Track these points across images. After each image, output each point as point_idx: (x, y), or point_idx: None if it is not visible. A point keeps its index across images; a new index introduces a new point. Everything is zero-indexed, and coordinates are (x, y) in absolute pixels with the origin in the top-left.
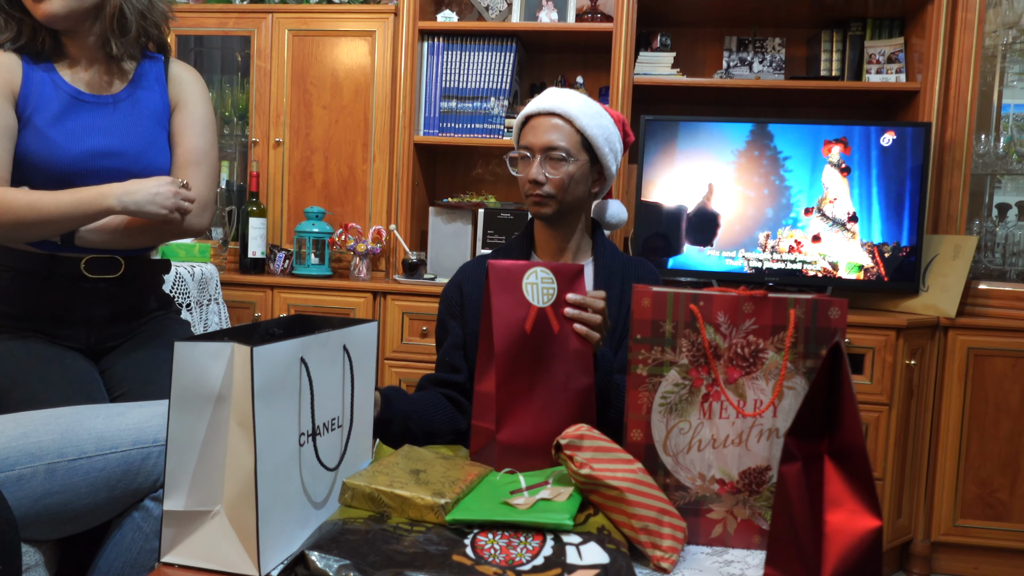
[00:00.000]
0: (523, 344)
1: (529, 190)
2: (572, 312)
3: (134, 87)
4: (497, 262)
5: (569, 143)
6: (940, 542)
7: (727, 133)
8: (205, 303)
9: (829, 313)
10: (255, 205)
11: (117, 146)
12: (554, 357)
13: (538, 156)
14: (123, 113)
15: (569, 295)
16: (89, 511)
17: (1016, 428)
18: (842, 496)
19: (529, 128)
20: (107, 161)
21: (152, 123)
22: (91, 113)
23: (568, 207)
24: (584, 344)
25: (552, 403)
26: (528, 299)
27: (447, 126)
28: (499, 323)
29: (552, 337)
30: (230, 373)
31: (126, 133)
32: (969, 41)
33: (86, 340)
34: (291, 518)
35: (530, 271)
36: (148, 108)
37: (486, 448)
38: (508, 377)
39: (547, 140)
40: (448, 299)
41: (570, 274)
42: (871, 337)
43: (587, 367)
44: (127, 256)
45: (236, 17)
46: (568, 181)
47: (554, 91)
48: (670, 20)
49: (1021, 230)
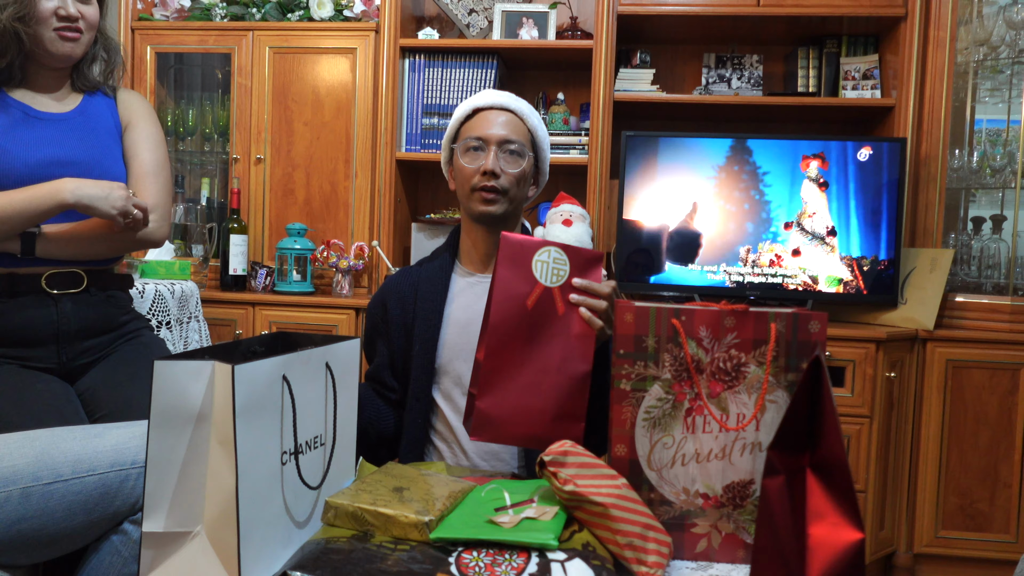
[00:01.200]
0: (521, 318)
1: (479, 182)
2: (577, 297)
3: (85, 107)
4: (511, 235)
5: (523, 138)
6: (922, 553)
7: (707, 149)
8: (185, 321)
9: (809, 327)
10: (236, 222)
11: (71, 155)
12: (553, 338)
13: (493, 148)
14: (75, 126)
15: (575, 279)
16: (66, 535)
17: (995, 439)
18: (824, 509)
19: (481, 120)
20: (62, 170)
21: (105, 135)
22: (44, 127)
23: (514, 207)
24: (587, 331)
25: (542, 382)
26: (536, 276)
27: (429, 142)
28: (499, 294)
29: (555, 318)
30: (211, 392)
31: (80, 144)
32: (941, 58)
33: (57, 359)
34: (273, 538)
35: (543, 249)
36: (100, 123)
37: (469, 415)
38: (499, 348)
39: (504, 133)
40: (373, 316)
41: (587, 259)
42: (851, 350)
43: (586, 355)
44: (89, 270)
45: (216, 34)
46: (522, 177)
47: (496, 91)
48: (649, 37)
49: (996, 243)
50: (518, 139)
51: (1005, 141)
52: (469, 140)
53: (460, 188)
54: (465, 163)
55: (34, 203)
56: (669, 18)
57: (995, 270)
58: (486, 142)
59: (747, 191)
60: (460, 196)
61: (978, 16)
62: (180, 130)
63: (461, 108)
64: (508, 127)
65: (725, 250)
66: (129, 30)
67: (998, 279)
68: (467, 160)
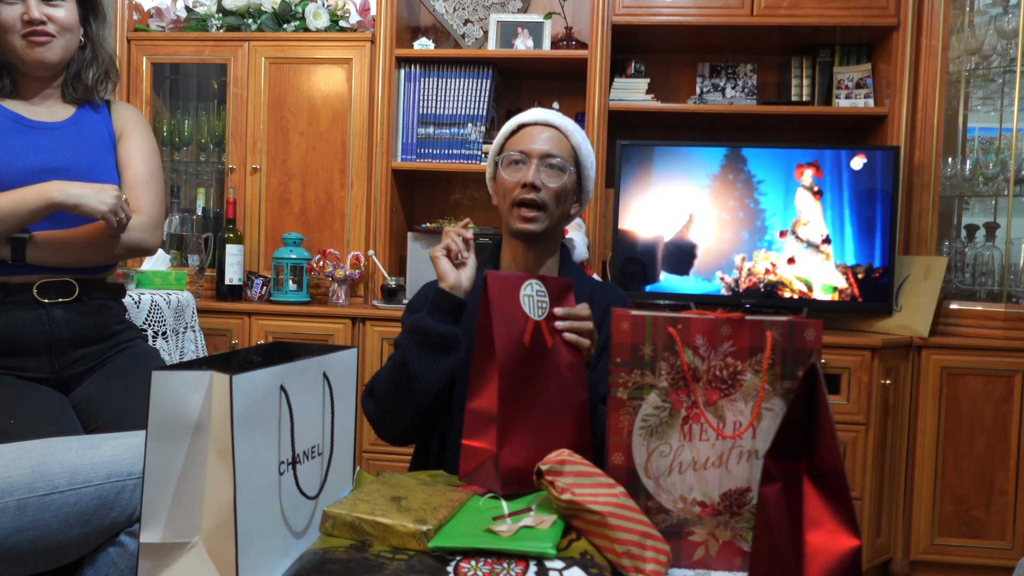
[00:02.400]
0: (521, 358)
1: (520, 195)
2: (563, 324)
3: (78, 118)
4: (495, 272)
5: (566, 154)
6: (919, 560)
7: (702, 157)
8: (181, 331)
9: (805, 334)
10: (232, 232)
11: (63, 163)
12: (550, 372)
13: (535, 162)
14: (68, 135)
15: (557, 309)
16: (62, 547)
17: (990, 446)
18: (821, 516)
19: (524, 135)
20: (53, 177)
21: (98, 144)
22: (35, 135)
23: (555, 223)
24: (577, 357)
25: (550, 419)
26: (525, 311)
27: (425, 152)
28: (500, 335)
29: (547, 351)
30: (208, 402)
31: (72, 152)
32: (934, 67)
33: (50, 369)
34: (271, 548)
35: (526, 283)
36: (93, 133)
37: (480, 469)
38: (508, 393)
39: (546, 148)
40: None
41: (560, 288)
42: (847, 357)
43: (581, 381)
44: (80, 279)
45: (212, 45)
46: (562, 192)
47: (542, 109)
48: (644, 47)
49: (989, 250)
50: (560, 154)
51: (997, 149)
52: (512, 153)
53: (501, 202)
54: (507, 176)
55: (22, 204)
56: (663, 28)
57: (989, 277)
58: (528, 155)
59: (742, 199)
60: (501, 211)
61: (969, 25)
62: (176, 140)
63: (507, 124)
64: (551, 142)
65: (720, 258)
66: (125, 41)
67: (992, 286)
68: (508, 173)
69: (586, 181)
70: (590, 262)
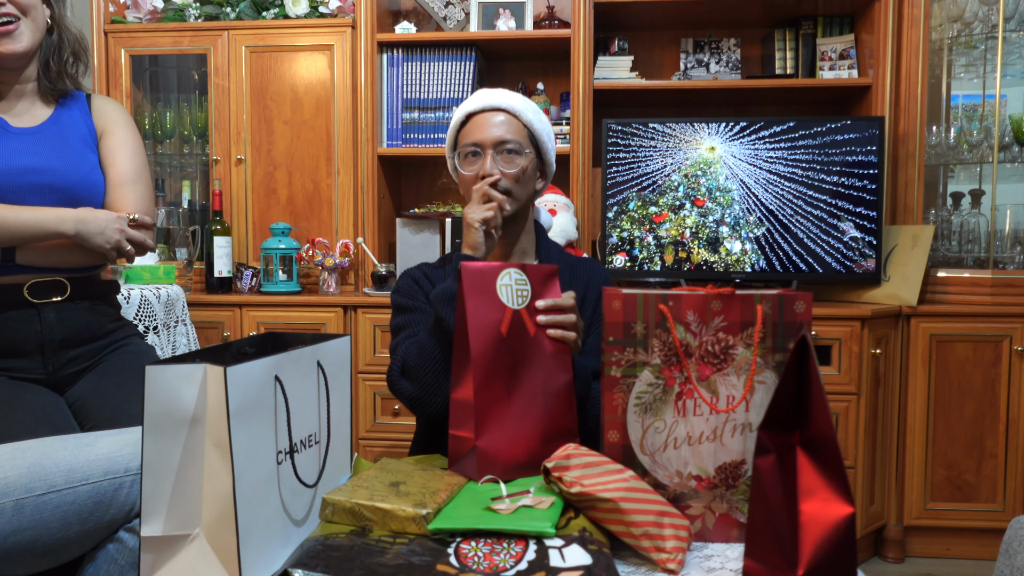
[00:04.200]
0: (499, 347)
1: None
2: (545, 319)
3: (58, 117)
4: (470, 264)
5: (519, 137)
6: (912, 526)
7: (688, 134)
8: (172, 325)
9: (795, 307)
10: (219, 224)
11: (45, 164)
12: (531, 360)
13: (489, 152)
14: (49, 136)
15: (539, 301)
16: (61, 546)
17: (979, 411)
18: (815, 485)
19: (475, 125)
20: (36, 177)
21: (79, 143)
22: (16, 139)
23: (522, 204)
24: (561, 346)
25: (531, 406)
26: (503, 301)
27: (411, 137)
28: (474, 326)
29: (528, 339)
30: (204, 395)
31: (54, 152)
32: (916, 36)
33: (44, 369)
34: (272, 537)
35: (504, 272)
36: (74, 132)
37: (465, 458)
38: (485, 382)
39: (498, 135)
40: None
41: (543, 275)
42: (837, 328)
43: (564, 365)
44: (72, 277)
45: (191, 35)
46: (522, 175)
47: (489, 90)
48: (627, 24)
49: (975, 217)
50: (514, 137)
51: (981, 116)
52: (466, 147)
53: (466, 195)
54: (465, 171)
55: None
56: (645, 4)
57: (975, 244)
58: (482, 146)
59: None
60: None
61: None
62: (158, 133)
63: (455, 115)
64: (502, 127)
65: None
66: (102, 33)
67: (978, 253)
68: (466, 167)
69: (546, 155)
70: (579, 242)
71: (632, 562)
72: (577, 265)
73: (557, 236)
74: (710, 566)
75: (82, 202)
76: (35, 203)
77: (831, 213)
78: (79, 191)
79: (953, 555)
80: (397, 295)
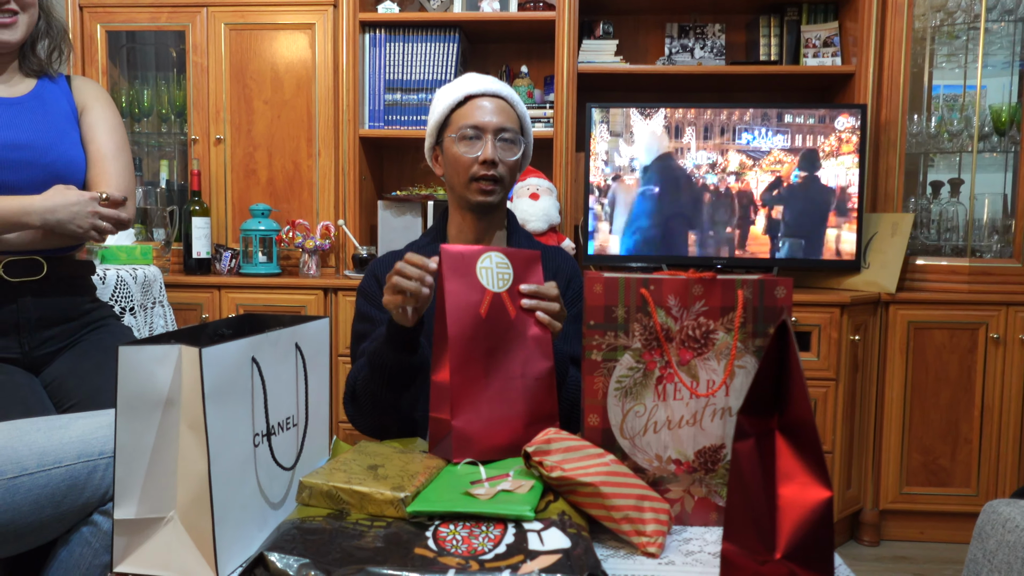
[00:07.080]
0: (478, 329)
1: (479, 172)
2: (530, 303)
3: (39, 91)
4: (449, 246)
5: (515, 126)
6: (888, 510)
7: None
8: (149, 306)
9: (775, 292)
10: (198, 204)
11: (25, 139)
12: (511, 343)
13: (489, 137)
14: (29, 110)
15: (523, 286)
16: (34, 530)
17: (955, 397)
18: (793, 470)
19: (475, 107)
20: (14, 153)
21: (60, 119)
22: None
23: (506, 194)
24: (542, 331)
25: (509, 389)
26: (483, 283)
27: (393, 119)
28: (452, 307)
29: (509, 322)
30: (179, 376)
31: (33, 127)
32: (900, 24)
33: (19, 349)
34: (248, 520)
35: (484, 255)
36: (55, 107)
37: (443, 440)
38: (462, 363)
39: (499, 122)
40: (366, 292)
41: (526, 259)
42: (816, 314)
43: (546, 351)
44: (49, 257)
45: (169, 12)
46: (515, 166)
47: (481, 76)
48: (612, 8)
49: (954, 206)
50: (512, 127)
51: (962, 106)
52: (465, 129)
53: (455, 176)
54: (462, 152)
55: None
56: None
57: (954, 233)
58: (483, 131)
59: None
60: (454, 184)
61: None
62: (135, 111)
63: (450, 94)
64: (502, 115)
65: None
66: (77, 8)
67: (957, 242)
68: (464, 149)
69: (528, 147)
70: (562, 226)
71: (611, 545)
72: (547, 253)
73: (540, 220)
74: (689, 549)
75: (62, 179)
76: (13, 179)
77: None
78: (59, 167)
79: (927, 539)
80: (361, 296)
